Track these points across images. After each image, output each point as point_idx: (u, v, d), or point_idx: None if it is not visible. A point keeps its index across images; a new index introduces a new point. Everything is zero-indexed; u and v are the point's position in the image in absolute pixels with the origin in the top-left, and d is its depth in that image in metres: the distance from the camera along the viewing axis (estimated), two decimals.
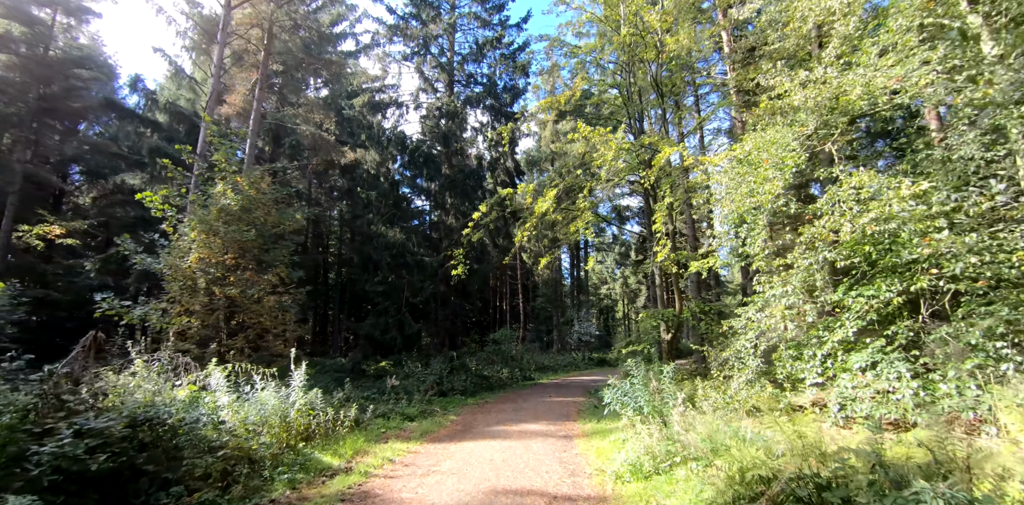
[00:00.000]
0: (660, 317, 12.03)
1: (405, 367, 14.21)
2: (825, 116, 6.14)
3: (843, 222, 5.23)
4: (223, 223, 11.39)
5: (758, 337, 7.79)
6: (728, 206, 6.64)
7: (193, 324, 11.32)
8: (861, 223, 5.00)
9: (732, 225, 6.89)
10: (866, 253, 5.40)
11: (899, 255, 5.14)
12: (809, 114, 6.18)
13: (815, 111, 5.92)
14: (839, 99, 6.13)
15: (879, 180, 5.25)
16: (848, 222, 5.17)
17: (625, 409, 7.37)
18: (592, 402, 11.50)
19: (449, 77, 16.91)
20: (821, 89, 5.97)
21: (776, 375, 7.44)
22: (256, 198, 11.97)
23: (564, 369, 22.15)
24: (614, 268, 45.92)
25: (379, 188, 15.23)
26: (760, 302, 8.09)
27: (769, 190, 6.02)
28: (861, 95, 5.72)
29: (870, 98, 5.76)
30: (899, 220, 4.87)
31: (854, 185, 5.33)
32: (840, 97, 5.84)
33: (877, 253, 5.31)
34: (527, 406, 11.28)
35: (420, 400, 10.92)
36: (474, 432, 8.35)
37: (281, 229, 12.53)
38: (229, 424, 6.30)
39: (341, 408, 8.17)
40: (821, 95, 5.93)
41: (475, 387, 14.00)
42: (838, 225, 5.31)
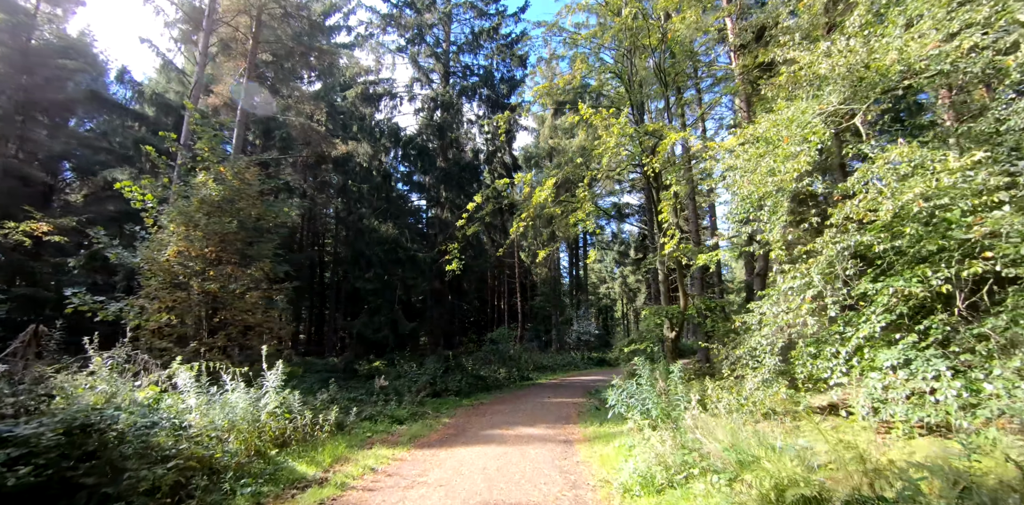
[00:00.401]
0: (664, 314, 11.36)
1: (397, 367, 13.52)
2: (855, 86, 5.48)
3: (881, 200, 4.56)
4: (204, 214, 10.70)
5: (774, 333, 7.13)
6: (746, 188, 5.97)
7: (173, 321, 10.65)
8: (905, 199, 4.33)
9: (750, 209, 6.22)
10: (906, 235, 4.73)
11: (948, 236, 4.47)
12: (837, 83, 5.52)
13: (847, 77, 5.26)
14: (869, 67, 5.47)
15: (921, 153, 4.59)
16: (888, 199, 4.50)
17: (631, 412, 6.69)
18: (593, 403, 10.83)
19: (444, 68, 16.24)
20: (849, 56, 5.31)
21: (796, 374, 6.78)
22: (240, 189, 11.29)
23: (563, 369, 21.46)
24: (613, 267, 45.24)
25: (371, 181, 14.54)
26: (775, 295, 7.44)
27: (794, 168, 5.35)
28: (896, 60, 5.06)
29: (906, 65, 5.10)
30: (950, 195, 4.21)
31: (893, 159, 4.66)
32: (872, 64, 5.18)
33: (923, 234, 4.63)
34: (524, 408, 10.60)
35: (411, 401, 10.23)
36: (467, 436, 7.67)
37: (267, 222, 11.84)
38: (194, 429, 5.62)
39: (322, 411, 7.47)
40: (851, 61, 5.27)
41: (470, 388, 13.31)
42: (876, 204, 4.64)
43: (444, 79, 16.06)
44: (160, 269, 10.43)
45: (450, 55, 16.46)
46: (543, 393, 13.56)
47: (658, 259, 12.05)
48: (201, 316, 11.04)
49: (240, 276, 10.87)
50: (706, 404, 7.64)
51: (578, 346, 26.97)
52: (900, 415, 5.61)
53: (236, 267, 10.85)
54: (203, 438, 5.31)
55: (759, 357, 7.30)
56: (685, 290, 12.29)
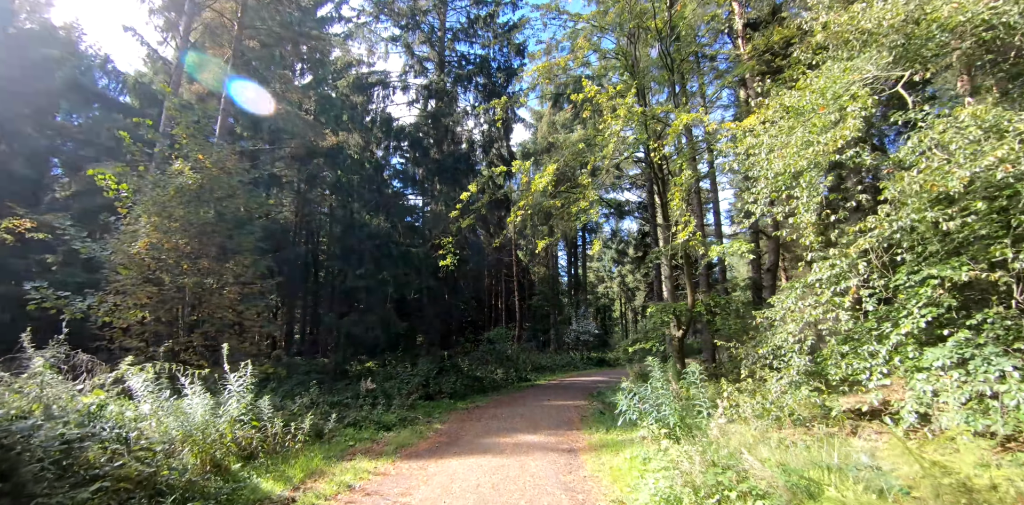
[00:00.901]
0: (671, 312, 10.56)
1: (389, 368, 12.69)
2: (903, 45, 4.70)
3: (951, 168, 3.77)
4: (179, 204, 9.87)
5: (801, 330, 6.34)
6: (777, 163, 5.18)
7: (147, 319, 9.81)
8: (984, 164, 3.54)
9: (782, 188, 5.42)
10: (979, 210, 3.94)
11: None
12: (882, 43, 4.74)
13: (899, 30, 4.49)
14: (920, 24, 4.69)
15: (996, 112, 3.81)
16: (959, 167, 3.71)
17: (645, 419, 5.88)
18: (596, 406, 10.02)
19: (440, 57, 15.45)
20: (900, 6, 4.53)
21: (828, 375, 5.99)
22: (219, 178, 10.45)
23: (562, 369, 20.65)
24: (611, 266, 44.46)
25: (362, 173, 13.72)
26: (799, 287, 6.66)
27: (839, 136, 4.56)
28: (957, 9, 4.28)
29: (968, 15, 4.32)
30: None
31: (963, 122, 3.88)
32: (930, 16, 4.40)
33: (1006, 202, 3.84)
34: (523, 411, 9.78)
35: (401, 405, 9.40)
36: (460, 445, 6.84)
37: (248, 213, 11.00)
38: (144, 441, 4.78)
39: (299, 417, 6.64)
40: (901, 14, 4.49)
41: (466, 389, 12.48)
42: (942, 174, 3.85)
43: (439, 68, 15.26)
44: (131, 262, 9.59)
45: (445, 43, 15.66)
46: (542, 395, 12.74)
47: (663, 254, 11.26)
48: (177, 313, 10.20)
49: (218, 270, 10.04)
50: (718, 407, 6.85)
51: (577, 346, 26.17)
52: (956, 422, 4.82)
53: (213, 261, 10.01)
54: (146, 452, 4.47)
55: (784, 356, 6.52)
56: (693, 286, 11.51)
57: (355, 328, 13.63)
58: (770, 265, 12.51)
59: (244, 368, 6.22)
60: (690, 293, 11.45)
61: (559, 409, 10.08)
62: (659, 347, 11.71)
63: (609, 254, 43.87)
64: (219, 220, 9.98)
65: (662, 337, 11.67)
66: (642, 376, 10.47)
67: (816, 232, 5.32)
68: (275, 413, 6.45)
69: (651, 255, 11.03)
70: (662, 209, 11.92)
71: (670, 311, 10.53)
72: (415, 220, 16.83)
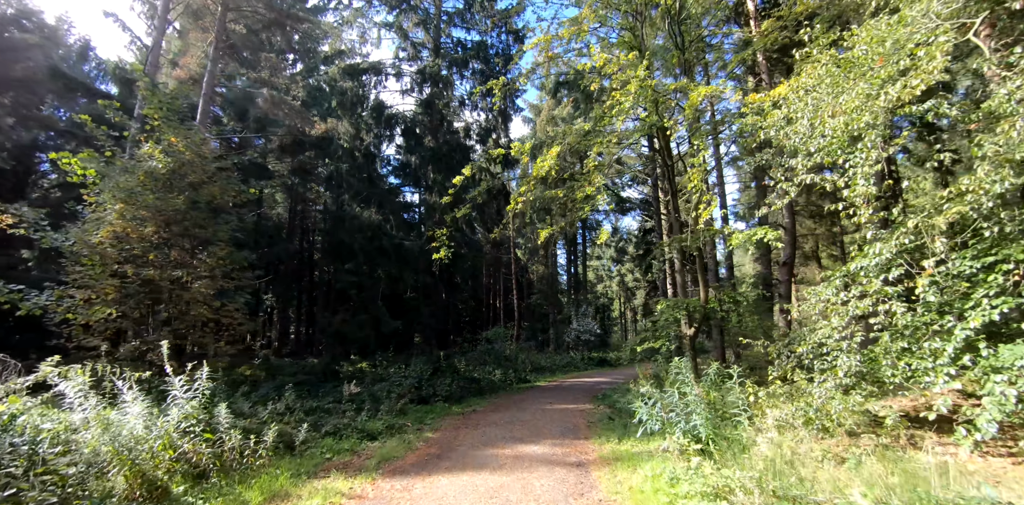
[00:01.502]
0: (683, 308, 9.64)
1: (379, 369, 11.75)
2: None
3: None
4: (148, 190, 8.92)
5: (848, 325, 5.43)
6: (832, 122, 4.28)
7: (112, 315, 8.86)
8: None
9: (837, 151, 4.51)
10: None
11: None
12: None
13: None
14: None
15: None
16: None
17: (671, 429, 4.94)
18: (604, 411, 9.09)
19: (435, 43, 14.53)
20: None
21: (882, 377, 5.07)
22: (193, 162, 9.51)
23: (563, 370, 19.71)
24: (611, 265, 43.61)
25: (352, 162, 12.76)
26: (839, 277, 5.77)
27: (911, 86, 3.65)
28: None
29: None
30: None
31: None
32: None
33: None
34: (524, 416, 8.84)
35: (390, 410, 8.45)
36: (453, 458, 5.90)
37: (224, 201, 10.04)
38: (67, 458, 3.85)
39: (268, 426, 5.69)
40: None
41: (462, 392, 11.54)
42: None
43: (434, 53, 14.34)
44: (93, 253, 8.64)
45: (441, 28, 14.74)
46: (543, 397, 11.81)
47: (677, 244, 10.34)
48: (147, 310, 9.25)
49: (189, 262, 9.09)
50: (752, 416, 5.94)
51: (577, 346, 25.24)
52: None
53: (185, 252, 9.07)
54: (53, 476, 3.52)
55: (827, 356, 5.60)
56: (706, 281, 10.59)
57: (344, 327, 12.69)
58: (786, 259, 11.61)
59: (198, 370, 5.29)
60: (702, 288, 10.53)
61: (563, 414, 9.15)
62: (669, 346, 10.80)
63: (608, 253, 43.03)
64: (192, 208, 9.02)
65: (672, 336, 10.74)
66: (655, 378, 9.55)
67: (879, 206, 4.42)
68: (238, 422, 5.50)
69: (660, 247, 10.11)
70: (671, 199, 11.01)
71: (682, 307, 9.61)
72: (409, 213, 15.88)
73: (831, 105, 4.35)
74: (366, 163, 12.42)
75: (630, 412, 7.99)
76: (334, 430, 6.85)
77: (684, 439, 4.71)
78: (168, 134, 9.58)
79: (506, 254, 32.60)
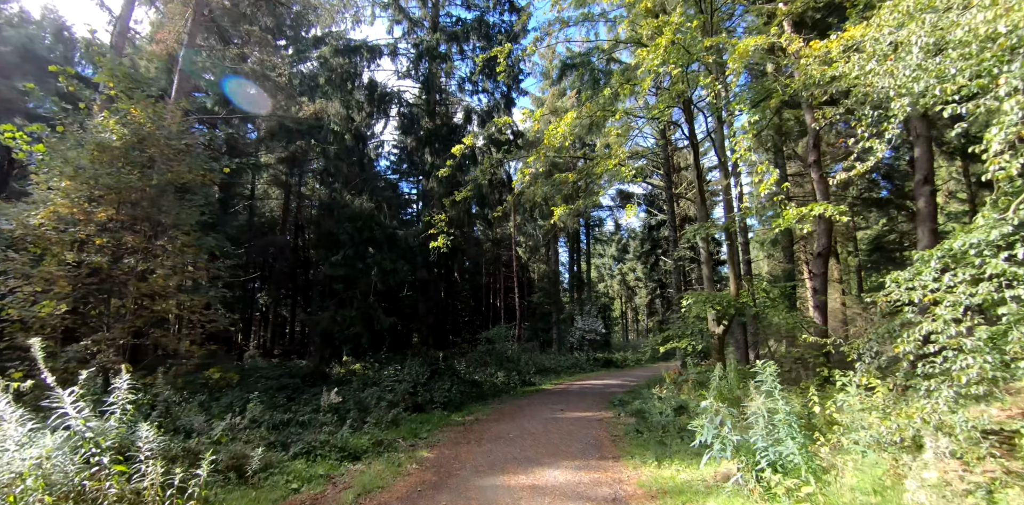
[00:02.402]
0: (712, 303, 8.34)
1: (371, 371, 10.42)
2: None
3: None
4: (98, 165, 7.58)
5: (965, 314, 4.14)
6: (982, 28, 2.99)
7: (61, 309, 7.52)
8: None
9: (988, 68, 3.22)
10: None
11: None
12: None
13: None
14: None
15: None
16: None
17: (745, 456, 3.62)
18: (628, 422, 7.76)
19: (433, 20, 13.19)
20: None
21: None
22: (154, 135, 8.17)
23: (568, 372, 18.39)
24: (612, 264, 42.31)
25: (343, 145, 11.44)
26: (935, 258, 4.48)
27: None
28: None
29: None
30: None
31: None
32: None
33: None
34: (534, 427, 7.51)
35: (378, 422, 7.11)
36: (452, 489, 4.58)
37: (193, 181, 8.69)
38: None
39: (214, 449, 4.35)
40: None
41: (463, 397, 10.22)
42: None
43: (432, 30, 13.02)
44: (33, 237, 7.31)
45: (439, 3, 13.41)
46: (552, 403, 10.48)
47: (700, 232, 9.04)
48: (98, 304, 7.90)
49: (146, 249, 7.75)
50: (823, 432, 4.64)
51: (582, 346, 23.92)
52: None
53: (141, 237, 7.72)
54: None
55: (933, 358, 4.30)
56: (737, 272, 9.31)
57: (332, 325, 11.35)
58: (820, 249, 10.32)
59: (120, 376, 3.96)
60: (733, 280, 9.25)
61: (580, 424, 7.82)
62: (696, 346, 9.51)
63: (610, 251, 41.72)
64: (143, 182, 7.68)
65: (700, 334, 9.45)
66: (699, 384, 8.25)
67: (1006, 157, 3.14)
68: (173, 444, 4.16)
69: (686, 233, 8.81)
70: (697, 182, 9.73)
71: (712, 302, 8.30)
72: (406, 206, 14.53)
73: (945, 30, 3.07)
74: (357, 145, 11.08)
75: (662, 424, 6.70)
76: (308, 449, 5.50)
77: (775, 476, 3.39)
78: (125, 104, 8.25)
79: (506, 252, 31.25)
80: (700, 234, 8.88)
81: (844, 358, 8.27)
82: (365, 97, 11.22)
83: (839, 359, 9.03)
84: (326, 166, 12.05)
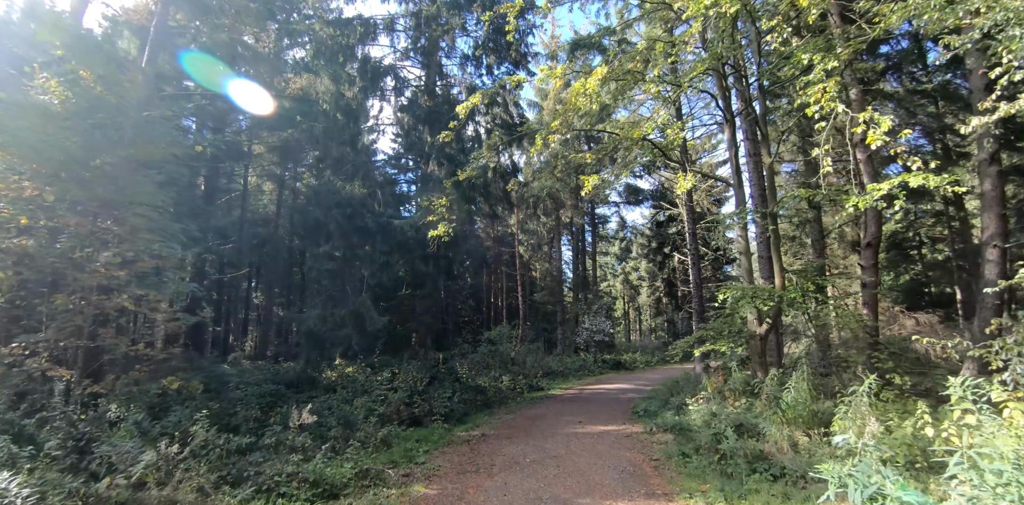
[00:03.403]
0: (760, 297, 7.02)
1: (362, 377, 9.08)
2: None
3: None
4: (32, 131, 6.25)
5: None
6: None
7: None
8: None
9: None
10: None
11: None
12: None
13: None
14: None
15: None
16: None
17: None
18: (665, 439, 6.44)
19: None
20: None
21: None
22: (103, 98, 6.84)
23: (576, 374, 17.05)
24: (615, 263, 40.97)
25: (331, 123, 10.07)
26: None
27: None
28: None
29: None
30: None
31: None
32: None
33: None
34: (554, 448, 6.18)
35: (366, 443, 5.77)
36: None
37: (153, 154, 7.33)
38: None
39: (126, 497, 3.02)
40: None
41: (465, 406, 8.89)
42: None
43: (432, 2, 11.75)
44: None
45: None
46: (567, 413, 9.15)
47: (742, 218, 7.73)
48: (33, 298, 6.56)
49: (91, 231, 6.40)
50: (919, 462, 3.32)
51: (588, 347, 22.58)
52: None
53: (82, 218, 6.38)
54: None
55: None
56: (781, 264, 8.00)
57: (319, 325, 10.01)
58: (871, 238, 9.01)
59: None
60: (778, 273, 7.94)
61: (608, 442, 6.49)
62: (735, 349, 8.22)
63: (613, 249, 40.36)
64: (84, 150, 6.34)
65: (738, 334, 8.13)
66: (747, 393, 6.93)
67: None
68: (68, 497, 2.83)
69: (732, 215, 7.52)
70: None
71: (762, 296, 6.98)
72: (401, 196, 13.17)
73: None
74: (348, 123, 9.73)
75: (720, 448, 5.36)
76: (270, 484, 4.17)
77: None
78: (73, 64, 6.93)
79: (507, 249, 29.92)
80: (743, 219, 7.57)
81: (902, 362, 6.90)
82: (358, 70, 9.90)
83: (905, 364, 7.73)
84: (314, 147, 10.72)
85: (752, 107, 7.60)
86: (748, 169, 9.60)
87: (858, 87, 7.56)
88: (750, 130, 10.05)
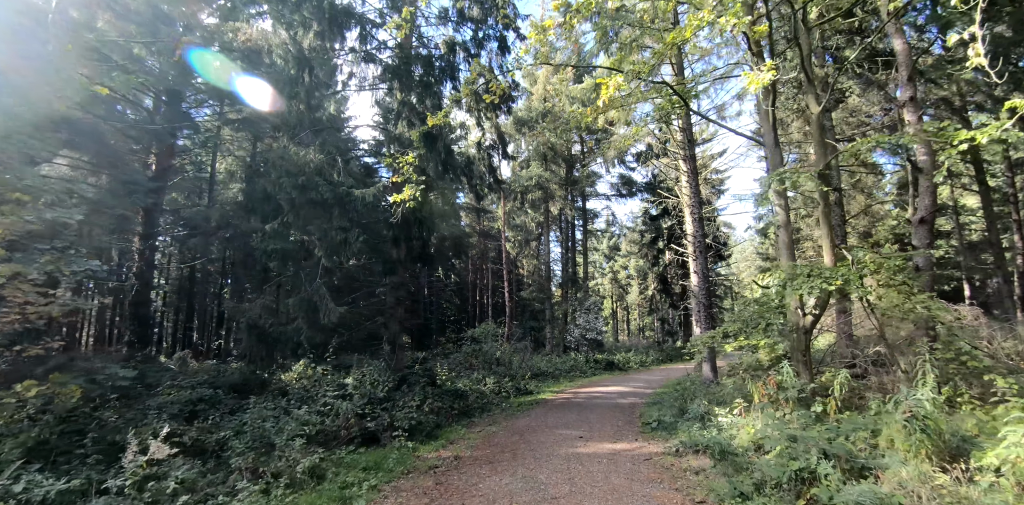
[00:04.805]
0: (821, 278, 5.32)
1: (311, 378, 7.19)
2: None
3: None
4: None
5: None
6: None
7: None
8: None
9: None
10: None
11: None
12: None
13: None
14: None
15: None
16: None
17: None
18: (695, 462, 4.68)
19: None
20: None
21: None
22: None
23: (567, 376, 15.31)
24: (602, 262, 39.46)
25: (283, 76, 8.23)
26: None
27: None
28: None
29: None
30: None
31: None
32: None
33: None
34: (552, 481, 4.40)
35: (286, 473, 3.91)
36: None
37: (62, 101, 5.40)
38: None
39: None
40: None
41: (437, 416, 7.05)
42: None
43: None
44: None
45: None
46: (562, 423, 7.36)
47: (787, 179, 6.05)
48: None
49: None
50: None
51: (579, 346, 20.87)
52: None
53: None
54: None
55: None
56: (832, 236, 6.35)
57: (266, 316, 8.10)
58: (924, 213, 7.46)
59: None
60: (828, 250, 6.29)
61: (623, 472, 4.70)
62: (776, 346, 6.55)
63: (601, 248, 38.83)
64: None
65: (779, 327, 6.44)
66: (800, 402, 5.15)
67: None
68: None
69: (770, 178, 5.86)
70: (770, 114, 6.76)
71: (822, 277, 5.29)
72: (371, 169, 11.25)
73: None
74: (300, 74, 7.86)
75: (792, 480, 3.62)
76: None
77: None
78: None
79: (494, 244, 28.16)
80: (786, 180, 5.89)
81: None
82: (313, 13, 8.07)
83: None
84: (277, 127, 8.78)
85: (798, 41, 5.98)
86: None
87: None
88: (807, 64, 8.41)
